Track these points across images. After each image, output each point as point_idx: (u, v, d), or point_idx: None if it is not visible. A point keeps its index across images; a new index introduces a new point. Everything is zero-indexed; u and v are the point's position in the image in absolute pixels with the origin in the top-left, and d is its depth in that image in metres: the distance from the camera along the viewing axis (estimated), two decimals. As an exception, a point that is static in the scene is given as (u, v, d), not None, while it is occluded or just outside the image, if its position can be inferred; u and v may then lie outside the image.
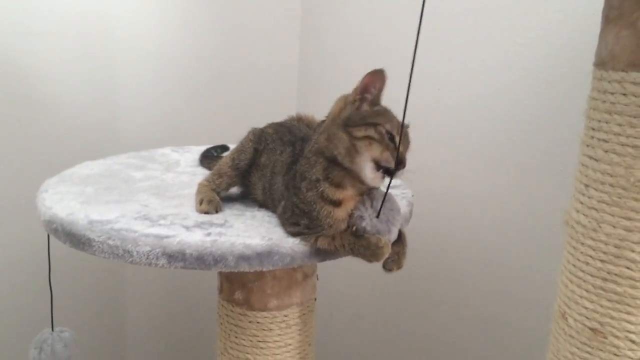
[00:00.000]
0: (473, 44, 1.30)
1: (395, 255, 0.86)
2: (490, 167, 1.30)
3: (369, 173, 0.80)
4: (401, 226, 0.88)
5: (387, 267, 0.87)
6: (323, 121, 0.89)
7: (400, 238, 0.88)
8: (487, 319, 1.36)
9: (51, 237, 0.94)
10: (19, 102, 1.34)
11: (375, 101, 0.84)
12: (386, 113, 0.83)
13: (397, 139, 0.80)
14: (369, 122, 0.80)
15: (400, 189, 1.08)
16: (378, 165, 0.80)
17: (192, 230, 0.85)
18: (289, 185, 0.88)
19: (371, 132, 0.80)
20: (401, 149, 0.80)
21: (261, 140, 1.00)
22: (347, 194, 0.83)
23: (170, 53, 1.56)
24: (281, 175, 0.92)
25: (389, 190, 0.83)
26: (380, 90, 0.83)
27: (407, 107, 0.80)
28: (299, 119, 1.10)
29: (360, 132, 0.80)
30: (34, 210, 0.97)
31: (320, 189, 0.82)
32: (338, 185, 0.83)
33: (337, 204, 0.83)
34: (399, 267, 0.87)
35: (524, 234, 1.26)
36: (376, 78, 0.82)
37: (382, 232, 0.82)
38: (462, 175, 1.36)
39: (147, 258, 0.80)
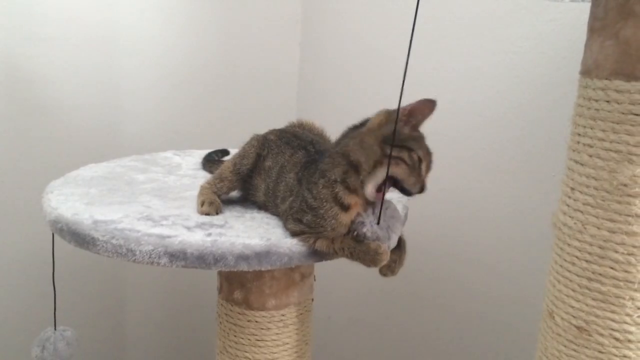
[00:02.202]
0: (469, 52, 1.33)
1: (392, 263, 0.88)
2: (484, 171, 1.33)
3: (370, 189, 0.85)
4: (402, 234, 0.91)
5: (382, 272, 0.90)
6: (356, 126, 0.90)
7: (400, 246, 0.91)
8: (483, 320, 1.39)
9: (56, 237, 0.96)
10: (25, 106, 1.37)
11: (416, 127, 0.86)
12: (422, 140, 0.86)
13: (424, 165, 0.85)
14: (405, 145, 0.83)
15: (397, 193, 1.11)
16: (380, 187, 0.84)
17: (193, 231, 0.87)
18: (304, 180, 0.91)
19: (405, 155, 0.83)
20: (425, 176, 0.86)
21: (264, 146, 1.02)
22: (358, 200, 0.86)
23: (173, 59, 1.59)
24: (294, 172, 0.94)
25: (390, 199, 0.88)
26: (425, 118, 0.85)
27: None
28: (300, 125, 1.13)
29: (394, 152, 0.83)
30: (39, 212, 0.99)
31: (336, 190, 0.85)
32: (352, 191, 0.85)
33: (346, 208, 0.86)
34: (393, 274, 0.90)
35: (519, 237, 1.28)
36: (427, 107, 0.84)
37: (382, 239, 0.85)
38: (458, 180, 1.39)
39: (150, 257, 0.83)
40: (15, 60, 1.34)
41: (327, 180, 0.86)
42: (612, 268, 0.71)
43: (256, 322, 1.00)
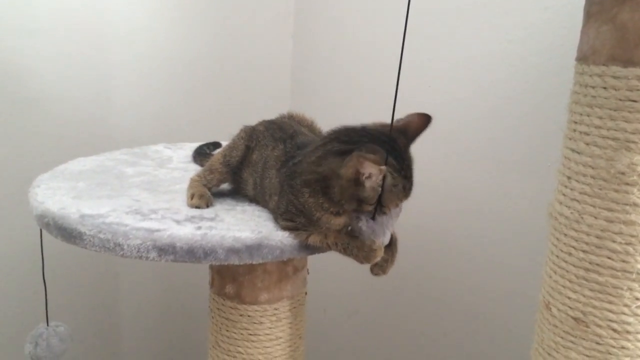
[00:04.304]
0: (464, 42, 1.31)
1: (384, 262, 0.87)
2: (479, 161, 1.32)
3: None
4: (394, 233, 0.90)
5: (373, 271, 0.89)
6: (349, 130, 0.85)
7: (391, 245, 0.89)
8: (478, 311, 1.38)
9: (44, 232, 0.94)
10: (12, 98, 1.35)
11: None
12: (391, 194, 0.81)
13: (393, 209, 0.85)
14: (377, 202, 0.82)
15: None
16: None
17: (182, 224, 0.86)
18: (285, 182, 0.88)
19: (377, 211, 0.83)
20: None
21: (252, 138, 1.01)
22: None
23: (164, 51, 1.57)
24: (275, 170, 0.92)
25: None
26: (372, 175, 0.78)
27: (398, 105, 0.82)
28: (290, 117, 1.11)
29: (369, 208, 0.82)
30: (28, 207, 0.97)
31: (321, 202, 0.83)
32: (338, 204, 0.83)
33: (339, 213, 0.84)
34: (384, 273, 0.89)
35: (515, 228, 1.27)
36: (360, 164, 0.76)
37: (377, 234, 0.84)
38: (452, 170, 1.38)
39: (138, 251, 0.81)
40: (3, 53, 1.31)
41: (312, 190, 0.83)
42: (609, 258, 0.69)
43: (249, 316, 0.99)
